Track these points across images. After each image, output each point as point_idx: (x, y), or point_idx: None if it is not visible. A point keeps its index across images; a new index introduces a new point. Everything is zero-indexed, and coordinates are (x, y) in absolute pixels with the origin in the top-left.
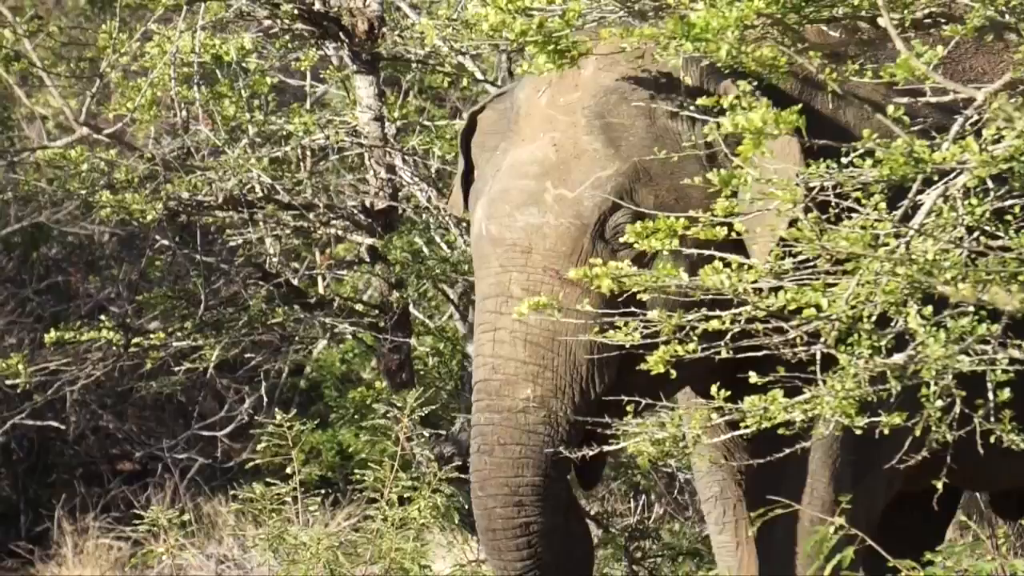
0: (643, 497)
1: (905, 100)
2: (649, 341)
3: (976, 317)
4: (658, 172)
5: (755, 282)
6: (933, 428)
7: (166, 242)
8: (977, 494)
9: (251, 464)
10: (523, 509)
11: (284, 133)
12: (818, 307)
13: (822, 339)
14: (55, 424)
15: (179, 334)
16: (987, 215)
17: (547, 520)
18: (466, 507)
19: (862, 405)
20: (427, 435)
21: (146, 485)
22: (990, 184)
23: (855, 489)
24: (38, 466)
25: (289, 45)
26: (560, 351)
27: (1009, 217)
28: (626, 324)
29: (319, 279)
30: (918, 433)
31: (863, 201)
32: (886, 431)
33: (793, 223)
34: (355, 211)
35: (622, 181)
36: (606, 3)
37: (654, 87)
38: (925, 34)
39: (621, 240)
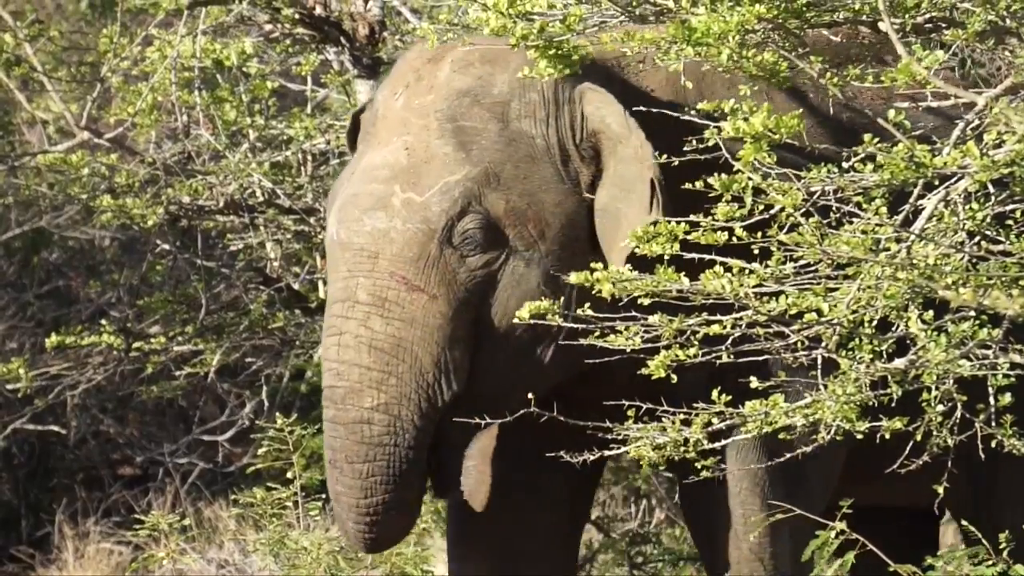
0: (644, 502)
1: (906, 105)
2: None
3: (977, 321)
4: (510, 177)
5: (757, 286)
6: (934, 433)
7: (167, 246)
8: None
9: (252, 469)
10: (375, 524)
11: (285, 137)
12: (819, 312)
13: (823, 344)
14: (56, 428)
15: (180, 338)
16: (988, 220)
17: (397, 530)
18: None
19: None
20: None
21: (147, 489)
22: (991, 189)
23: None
24: (39, 471)
25: (290, 50)
26: (405, 357)
27: (1010, 222)
28: (627, 328)
29: (320, 283)
30: (919, 439)
31: (864, 206)
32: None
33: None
34: None
35: (471, 186)
36: (607, 8)
37: (508, 90)
38: (926, 39)
39: (473, 246)
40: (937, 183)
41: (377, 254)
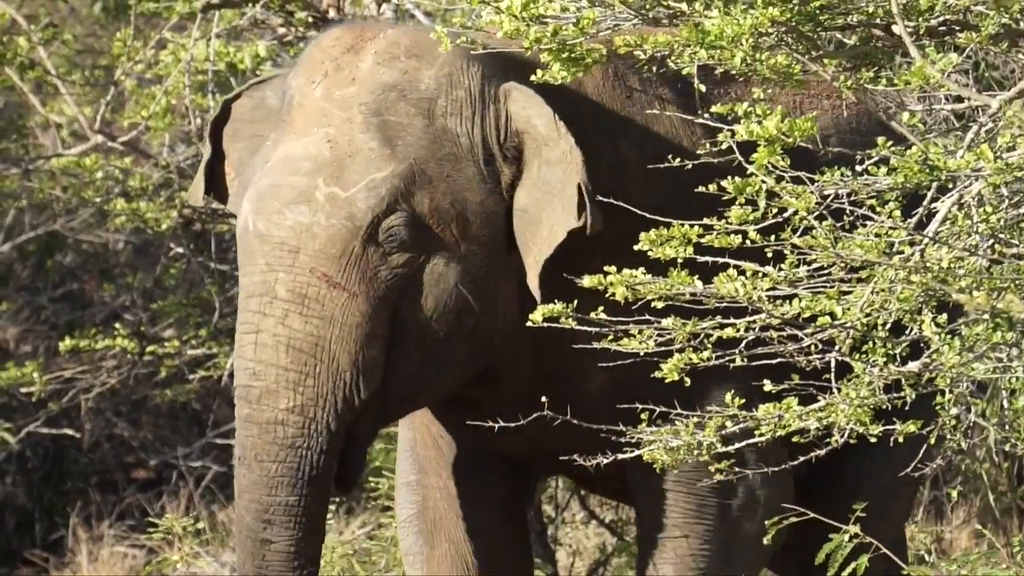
0: None
1: (920, 108)
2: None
3: (991, 325)
4: (434, 175)
5: (771, 289)
6: (948, 436)
7: (181, 250)
8: (992, 503)
9: None
10: (270, 527)
11: None
12: (832, 315)
13: (836, 347)
14: (70, 432)
15: (194, 342)
16: (1002, 223)
17: (291, 541)
18: None
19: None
20: None
21: (161, 493)
22: (1005, 192)
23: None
24: (53, 474)
25: None
26: (323, 357)
27: None
28: (640, 332)
29: None
30: (932, 441)
31: (878, 209)
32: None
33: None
34: None
35: (398, 184)
36: (620, 11)
37: (435, 86)
38: (940, 42)
39: (396, 244)
40: (951, 186)
41: (298, 249)
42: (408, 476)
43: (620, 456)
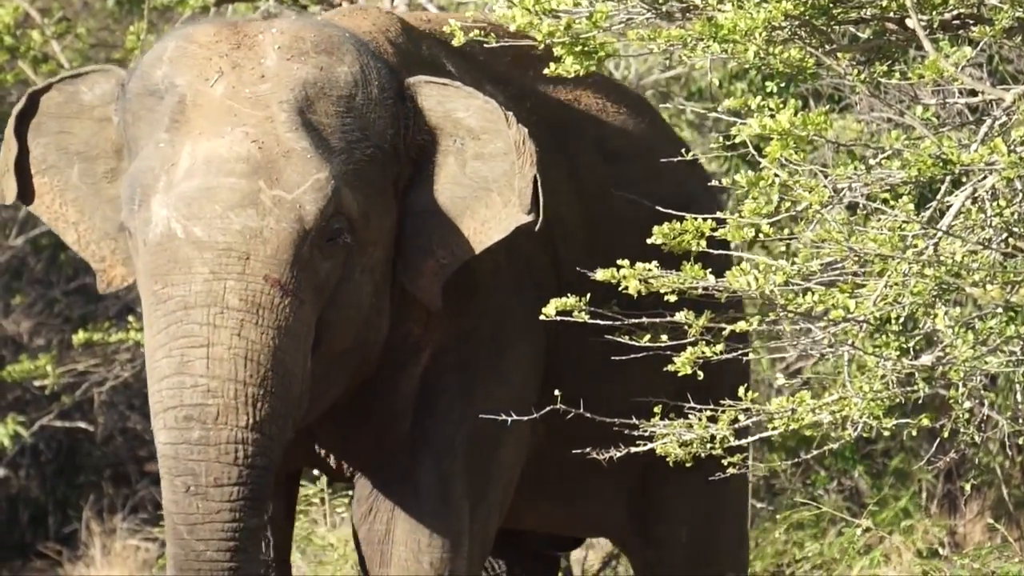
0: None
1: (934, 102)
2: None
3: (1005, 318)
4: (361, 177)
5: (784, 283)
6: (961, 430)
7: None
8: (1006, 496)
9: None
10: (237, 556)
11: None
12: (846, 308)
13: (850, 341)
14: (83, 425)
15: None
16: (1016, 216)
17: (262, 566)
18: None
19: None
20: None
21: None
22: (1019, 185)
23: (478, 506)
24: (66, 467)
25: None
26: (279, 370)
27: None
28: (652, 326)
29: None
30: (946, 435)
31: (891, 202)
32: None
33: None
34: None
35: (338, 185)
36: (633, 5)
37: (352, 82)
38: (954, 35)
39: (334, 248)
40: (964, 180)
41: (248, 255)
42: None
43: (633, 449)
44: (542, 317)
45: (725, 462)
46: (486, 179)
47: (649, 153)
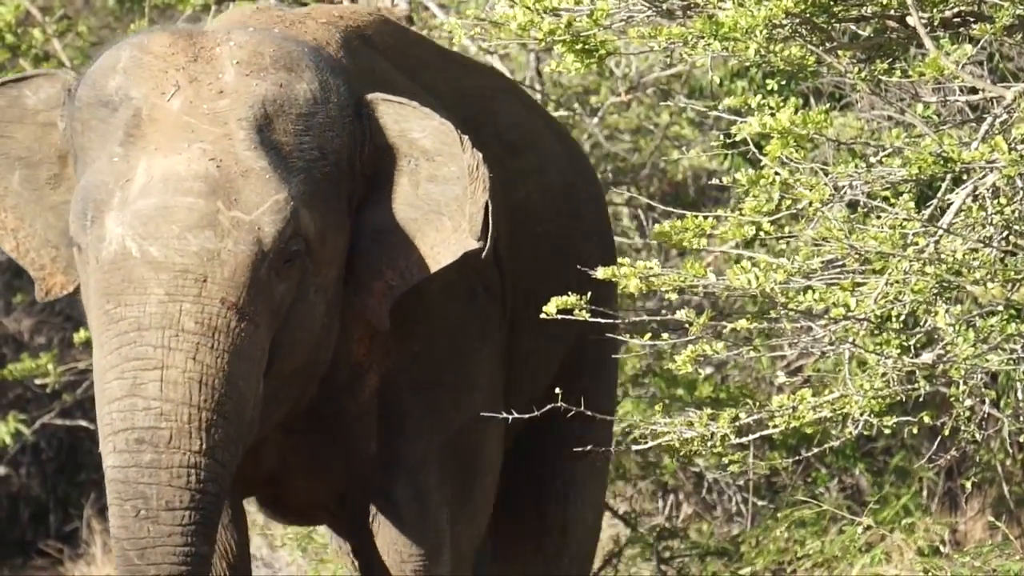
0: (671, 496)
1: (934, 99)
2: None
3: (1005, 316)
4: (317, 197)
5: (784, 282)
6: (962, 428)
7: None
8: (1007, 494)
9: None
10: None
11: None
12: (846, 306)
13: (850, 339)
14: (84, 424)
15: None
16: (1016, 214)
17: None
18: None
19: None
20: None
21: None
22: (1019, 183)
23: (463, 507)
24: (67, 465)
25: None
26: (233, 394)
27: None
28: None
29: None
30: (947, 433)
31: (892, 200)
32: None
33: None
34: None
35: (296, 206)
36: (634, 3)
37: (312, 99)
38: (954, 33)
39: (291, 271)
40: (965, 177)
41: (205, 277)
42: None
43: (637, 447)
44: (542, 316)
45: (727, 460)
46: (438, 202)
47: (539, 143)
